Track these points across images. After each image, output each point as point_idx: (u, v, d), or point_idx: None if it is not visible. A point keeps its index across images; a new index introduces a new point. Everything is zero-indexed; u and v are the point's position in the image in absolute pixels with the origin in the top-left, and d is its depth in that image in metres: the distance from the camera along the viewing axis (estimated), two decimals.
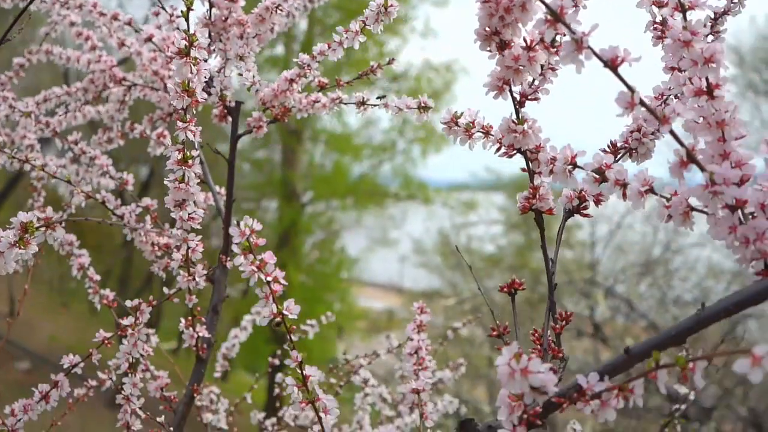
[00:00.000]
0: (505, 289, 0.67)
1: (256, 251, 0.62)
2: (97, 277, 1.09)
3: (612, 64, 0.51)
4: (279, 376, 1.24)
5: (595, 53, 0.50)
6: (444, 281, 9.30)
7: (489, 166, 9.77)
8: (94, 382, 1.12)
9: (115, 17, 1.09)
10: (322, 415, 0.64)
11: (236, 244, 0.61)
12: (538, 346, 0.62)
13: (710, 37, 0.71)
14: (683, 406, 1.07)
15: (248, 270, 0.61)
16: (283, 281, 0.62)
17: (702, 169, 0.51)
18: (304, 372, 0.65)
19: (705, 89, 0.53)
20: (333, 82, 1.00)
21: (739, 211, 0.53)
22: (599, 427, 5.88)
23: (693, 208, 0.54)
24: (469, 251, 9.34)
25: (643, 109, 0.54)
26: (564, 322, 0.62)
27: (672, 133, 0.51)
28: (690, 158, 0.51)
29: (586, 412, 0.52)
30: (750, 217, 0.51)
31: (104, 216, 1.05)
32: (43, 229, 0.66)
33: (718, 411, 5.68)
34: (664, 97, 0.70)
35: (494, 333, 0.62)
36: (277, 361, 1.56)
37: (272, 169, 11.23)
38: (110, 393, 0.96)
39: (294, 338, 0.65)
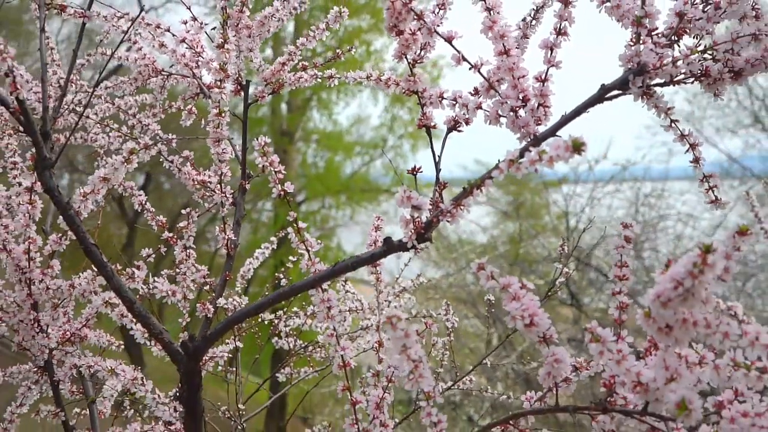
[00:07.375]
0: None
1: (268, 155, 1.09)
2: (152, 210, 1.56)
3: (449, 39, 0.98)
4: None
5: (438, 34, 0.97)
6: (442, 272, 9.60)
7: (478, 159, 10.25)
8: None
9: (158, 26, 1.56)
10: (309, 248, 1.11)
11: (256, 149, 1.08)
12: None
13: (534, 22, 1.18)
14: (560, 280, 1.54)
15: (263, 163, 1.08)
16: (283, 171, 1.09)
17: (497, 91, 0.98)
18: (298, 225, 1.12)
19: (503, 51, 1.01)
20: (311, 65, 1.48)
21: (522, 112, 1.00)
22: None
23: (500, 115, 1.02)
24: (461, 242, 9.77)
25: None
26: (443, 187, 1.10)
27: (484, 78, 0.98)
28: (491, 87, 0.99)
29: (449, 221, 0.99)
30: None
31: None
32: (143, 150, 1.13)
33: None
34: None
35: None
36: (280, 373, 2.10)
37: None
38: None
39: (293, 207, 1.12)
